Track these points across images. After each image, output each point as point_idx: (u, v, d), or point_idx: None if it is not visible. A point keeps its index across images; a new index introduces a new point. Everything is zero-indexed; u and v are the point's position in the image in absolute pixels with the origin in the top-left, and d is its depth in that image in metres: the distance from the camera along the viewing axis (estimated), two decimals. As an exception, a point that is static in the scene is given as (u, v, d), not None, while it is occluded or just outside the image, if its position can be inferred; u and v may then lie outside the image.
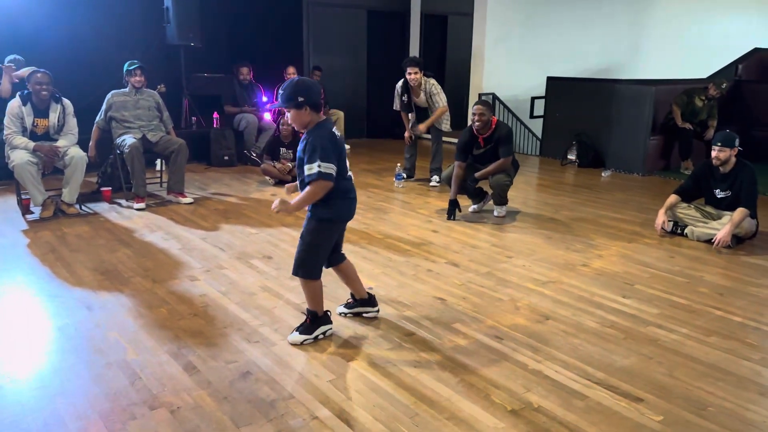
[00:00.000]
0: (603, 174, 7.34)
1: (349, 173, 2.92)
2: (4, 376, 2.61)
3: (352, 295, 3.25)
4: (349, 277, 3.20)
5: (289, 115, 2.80)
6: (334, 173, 2.73)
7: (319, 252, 2.92)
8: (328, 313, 3.06)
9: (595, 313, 3.36)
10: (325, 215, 2.85)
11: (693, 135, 7.35)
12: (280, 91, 2.78)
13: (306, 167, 2.72)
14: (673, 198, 4.87)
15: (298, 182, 2.90)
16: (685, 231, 4.78)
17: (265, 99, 7.89)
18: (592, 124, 7.83)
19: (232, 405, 2.42)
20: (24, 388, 2.52)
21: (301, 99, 2.71)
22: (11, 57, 6.19)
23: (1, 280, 3.71)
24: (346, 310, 3.26)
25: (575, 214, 5.49)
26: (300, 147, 2.80)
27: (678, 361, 2.86)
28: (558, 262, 4.16)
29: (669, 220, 4.86)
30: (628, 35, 9.87)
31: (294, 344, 2.91)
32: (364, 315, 3.24)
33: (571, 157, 7.92)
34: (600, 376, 2.71)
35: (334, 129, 2.82)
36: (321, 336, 2.98)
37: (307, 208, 2.86)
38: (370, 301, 3.25)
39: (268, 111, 7.77)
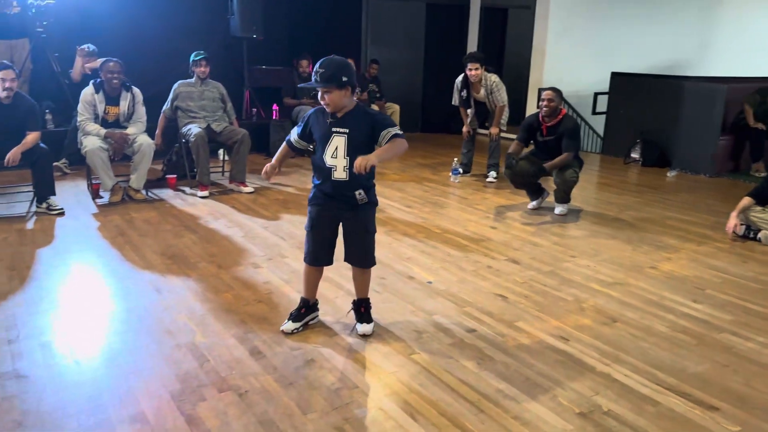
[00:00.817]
0: (669, 174, 7.09)
1: None
2: (81, 352, 2.71)
3: (306, 302, 2.98)
4: (319, 279, 3.02)
5: (325, 97, 2.61)
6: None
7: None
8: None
9: (665, 317, 3.25)
10: (375, 199, 2.88)
11: (765, 136, 7.02)
12: (319, 69, 2.57)
13: (389, 130, 2.67)
14: (746, 200, 4.65)
15: (327, 161, 2.73)
16: (759, 236, 4.57)
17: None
18: (658, 122, 7.57)
19: (298, 391, 2.45)
20: (100, 365, 2.62)
21: (345, 79, 2.58)
22: (85, 46, 6.44)
23: (75, 261, 3.86)
24: (297, 325, 2.94)
25: (641, 214, 5.32)
26: (351, 127, 2.66)
27: (755, 371, 2.73)
28: (624, 264, 4.04)
29: (741, 224, 4.65)
30: (698, 30, 9.49)
31: (367, 334, 2.91)
32: (311, 323, 3.01)
33: (635, 155, 7.68)
34: (671, 381, 2.61)
35: None
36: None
37: (356, 195, 2.74)
38: (316, 305, 3.05)
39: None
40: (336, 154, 2.71)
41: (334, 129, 2.70)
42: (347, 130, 2.68)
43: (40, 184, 4.80)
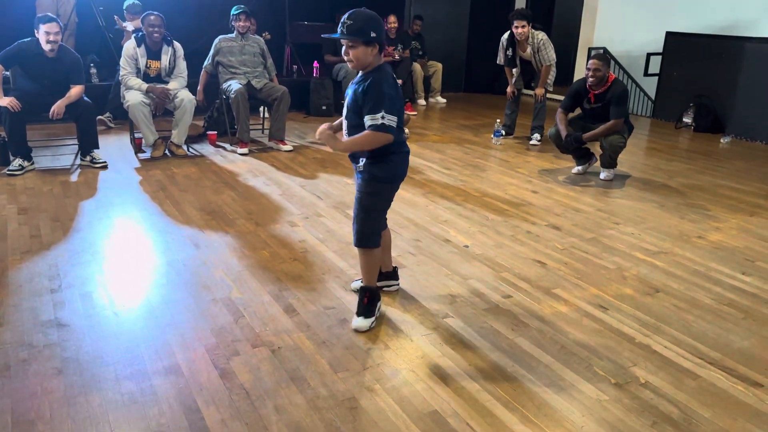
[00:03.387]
0: (722, 140, 6.77)
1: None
2: (121, 304, 2.77)
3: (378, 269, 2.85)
4: (384, 246, 2.82)
5: (349, 52, 2.35)
6: (395, 126, 2.40)
7: (380, 218, 2.66)
8: (379, 285, 2.79)
9: (711, 289, 3.12)
10: (383, 174, 2.52)
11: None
12: (347, 20, 2.32)
13: (368, 117, 2.37)
14: (806, 170, 4.41)
15: (345, 126, 2.58)
16: (818, 207, 4.34)
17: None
18: (714, 85, 7.20)
19: (329, 349, 2.45)
20: (138, 317, 2.67)
21: (374, 34, 2.33)
22: (130, 2, 6.45)
23: (118, 214, 3.94)
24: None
25: (690, 181, 5.11)
26: (357, 89, 2.42)
27: (805, 348, 2.61)
28: (671, 232, 3.90)
29: (799, 194, 4.42)
30: (763, -12, 8.89)
31: (363, 331, 2.58)
32: (385, 289, 2.92)
33: (687, 120, 7.35)
34: (715, 356, 2.52)
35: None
36: (378, 313, 2.68)
37: (358, 165, 2.53)
38: (395, 273, 2.96)
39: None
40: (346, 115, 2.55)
41: (349, 91, 2.52)
42: (351, 93, 2.47)
43: (84, 137, 4.89)
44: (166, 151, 5.33)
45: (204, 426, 1.99)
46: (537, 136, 6.31)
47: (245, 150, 5.53)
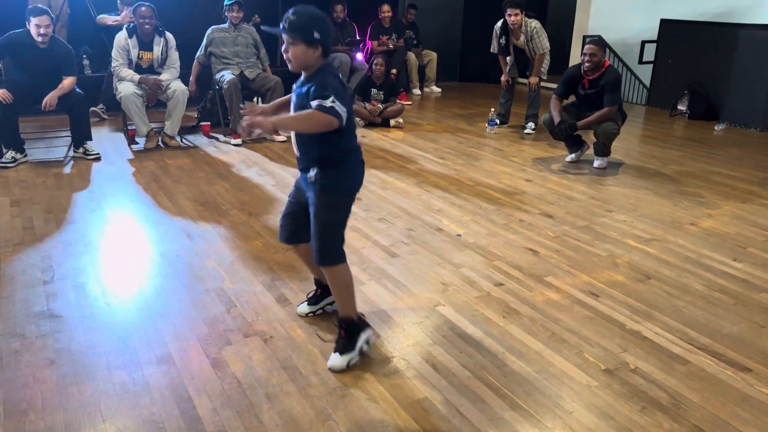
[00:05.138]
0: (716, 127, 6.77)
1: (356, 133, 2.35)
2: (113, 295, 2.78)
3: (318, 283, 2.64)
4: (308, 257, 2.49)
5: (289, 49, 2.15)
6: (344, 117, 2.12)
7: (341, 230, 2.32)
8: (362, 315, 2.43)
9: (702, 276, 3.14)
10: (340, 185, 2.27)
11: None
12: (290, 16, 2.11)
13: (314, 102, 2.09)
14: (798, 156, 4.42)
15: (293, 137, 2.32)
16: (810, 193, 4.35)
17: (358, 38, 7.77)
18: (708, 72, 7.19)
19: (321, 339, 2.46)
20: (130, 308, 2.68)
21: (317, 35, 2.12)
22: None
23: (111, 205, 3.93)
24: (314, 308, 2.65)
25: (684, 168, 5.12)
26: (301, 92, 2.20)
27: (795, 333, 2.63)
28: (663, 219, 3.91)
29: (791, 181, 4.43)
30: (758, -26, 8.87)
31: (338, 371, 2.25)
32: (327, 308, 2.66)
33: (682, 107, 7.34)
34: (705, 341, 2.54)
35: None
36: (365, 347, 2.34)
37: (309, 176, 2.24)
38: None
39: (361, 51, 7.66)
40: None
41: (293, 97, 2.28)
42: (294, 98, 2.25)
43: (76, 129, 4.87)
44: (159, 143, 5.32)
45: (195, 415, 2.00)
46: (531, 124, 6.30)
47: (239, 141, 5.52)
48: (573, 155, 5.22)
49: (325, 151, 2.22)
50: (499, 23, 6.23)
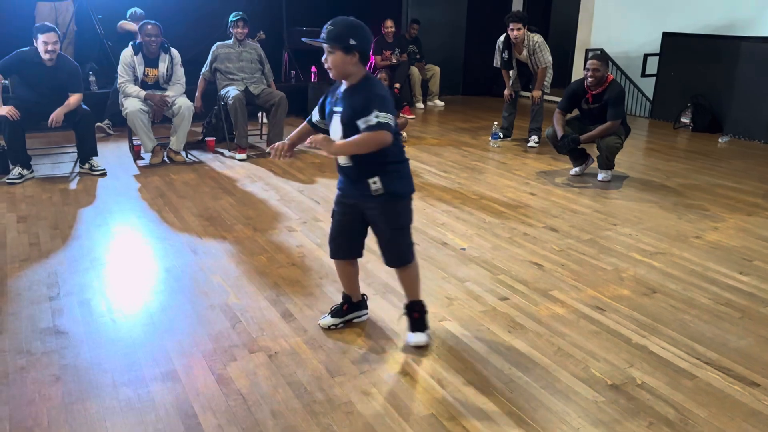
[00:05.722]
0: (720, 140, 6.77)
1: None
2: (119, 311, 2.78)
3: (348, 298, 2.68)
4: (354, 274, 2.66)
5: (329, 58, 2.25)
6: (392, 124, 2.23)
7: (409, 229, 2.48)
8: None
9: (708, 289, 3.13)
10: (403, 190, 2.40)
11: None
12: (328, 26, 2.24)
13: (360, 122, 2.21)
14: (803, 169, 4.41)
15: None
16: (815, 206, 4.34)
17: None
18: (711, 85, 7.21)
19: (326, 354, 2.46)
20: (136, 324, 2.68)
21: (353, 42, 2.21)
22: (132, 10, 6.49)
23: (116, 221, 3.95)
24: (337, 321, 2.67)
25: (688, 181, 5.11)
26: (344, 105, 2.30)
27: (802, 347, 2.61)
28: (668, 233, 3.90)
29: (796, 193, 4.42)
30: (760, -13, 8.91)
31: (420, 345, 2.51)
32: (356, 320, 2.72)
33: (685, 120, 7.35)
34: (711, 356, 2.52)
35: None
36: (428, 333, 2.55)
37: (369, 189, 2.33)
38: (365, 303, 2.74)
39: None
40: (336, 136, 2.35)
41: (334, 108, 2.36)
42: (341, 109, 2.32)
43: (82, 144, 4.91)
44: (165, 158, 5.35)
45: (201, 431, 2.00)
46: (535, 138, 6.32)
47: (243, 155, 5.55)
48: (577, 169, 5.22)
49: (384, 160, 2.32)
50: (502, 38, 6.27)
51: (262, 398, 2.17)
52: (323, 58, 2.31)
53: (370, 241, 2.54)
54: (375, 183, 2.33)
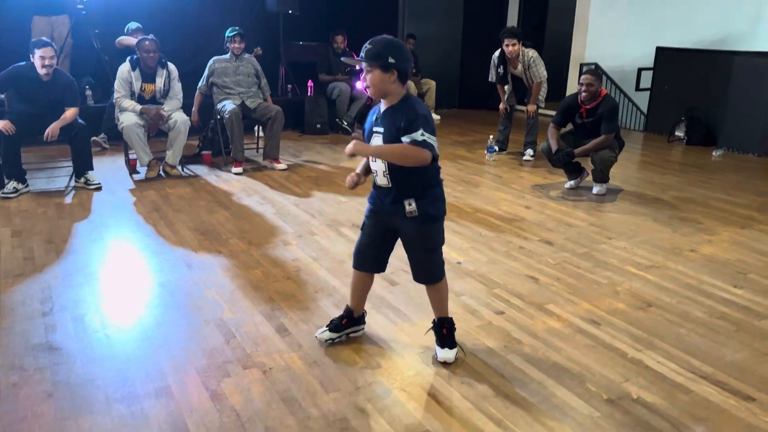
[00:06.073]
0: (714, 153, 6.81)
1: None
2: (112, 326, 2.77)
3: (349, 312, 2.67)
4: (364, 289, 2.67)
5: (367, 77, 2.28)
6: (436, 147, 2.26)
7: (442, 249, 2.52)
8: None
9: (703, 303, 3.13)
10: (436, 212, 2.41)
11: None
12: (367, 45, 2.28)
13: (405, 136, 2.23)
14: (796, 182, 4.44)
15: (370, 164, 2.44)
16: (809, 219, 4.36)
17: (357, 67, 7.86)
18: (705, 99, 7.27)
19: (321, 369, 2.45)
20: (129, 339, 2.67)
21: (391, 60, 2.23)
22: (133, 26, 6.52)
23: (112, 235, 3.94)
24: (335, 335, 2.65)
25: (683, 194, 5.14)
26: (386, 124, 2.31)
27: (798, 361, 2.61)
28: (663, 246, 3.91)
29: (790, 206, 4.44)
30: (749, 2, 9.00)
31: (448, 362, 2.49)
32: (352, 335, 2.71)
33: (679, 133, 7.40)
34: (707, 370, 2.52)
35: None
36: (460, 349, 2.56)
37: (405, 210, 2.35)
38: (362, 319, 2.73)
39: (360, 80, 7.75)
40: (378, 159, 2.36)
41: (375, 128, 2.37)
42: (382, 129, 2.34)
43: (78, 159, 4.91)
44: (161, 172, 5.35)
45: (194, 448, 1.98)
46: (530, 151, 6.35)
47: (240, 169, 5.56)
48: (572, 182, 5.24)
49: (422, 182, 2.36)
50: (497, 53, 6.32)
51: (256, 414, 2.16)
52: (362, 77, 2.34)
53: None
54: (410, 205, 2.35)
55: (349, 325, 2.68)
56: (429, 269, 2.52)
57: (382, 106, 2.37)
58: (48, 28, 6.46)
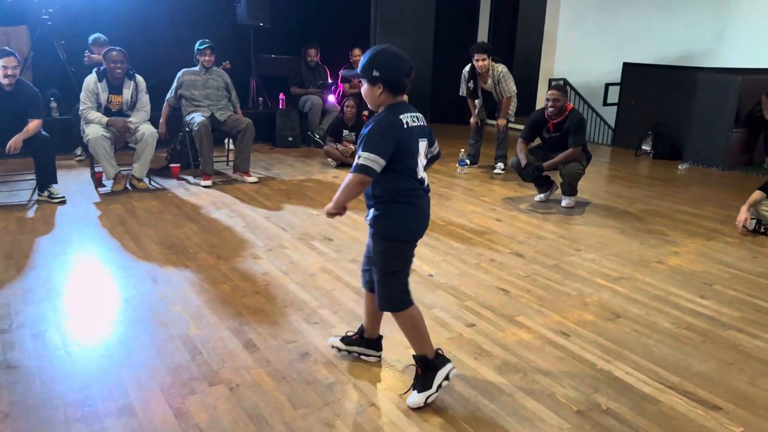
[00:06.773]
0: (680, 167, 6.96)
1: (422, 175, 2.32)
2: (74, 342, 2.68)
3: (361, 330, 2.61)
4: (375, 309, 2.50)
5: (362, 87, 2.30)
6: (376, 167, 2.11)
7: (401, 275, 2.31)
8: (440, 351, 2.36)
9: (670, 314, 3.17)
10: (391, 231, 2.25)
11: (781, 129, 6.86)
12: (364, 55, 2.26)
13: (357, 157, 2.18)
14: (757, 194, 4.53)
15: None
16: (771, 230, 4.46)
17: (330, 81, 7.87)
18: (671, 113, 7.43)
19: (290, 386, 2.40)
20: (91, 356, 2.58)
21: (375, 74, 2.18)
22: (95, 36, 6.41)
23: (74, 249, 3.84)
24: (341, 346, 2.62)
25: (650, 207, 5.22)
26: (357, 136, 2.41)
27: (761, 369, 2.65)
28: (631, 258, 3.96)
29: (752, 218, 4.54)
30: (713, 20, 9.27)
31: (416, 408, 2.27)
32: (363, 358, 2.61)
33: (646, 147, 7.55)
34: (674, 380, 2.54)
35: (408, 115, 2.24)
36: (445, 383, 2.30)
37: (367, 217, 2.31)
38: (378, 343, 2.62)
39: (333, 93, 7.76)
40: None
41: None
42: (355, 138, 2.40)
43: (41, 172, 4.78)
44: (127, 185, 5.25)
45: (156, 469, 1.92)
46: (500, 165, 6.40)
47: (209, 182, 5.48)
48: (542, 195, 5.29)
49: (386, 195, 2.23)
50: (468, 67, 6.38)
51: (221, 432, 2.10)
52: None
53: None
54: (368, 216, 2.29)
55: (359, 343, 2.59)
56: (383, 295, 2.32)
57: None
58: (4, 38, 6.31)
